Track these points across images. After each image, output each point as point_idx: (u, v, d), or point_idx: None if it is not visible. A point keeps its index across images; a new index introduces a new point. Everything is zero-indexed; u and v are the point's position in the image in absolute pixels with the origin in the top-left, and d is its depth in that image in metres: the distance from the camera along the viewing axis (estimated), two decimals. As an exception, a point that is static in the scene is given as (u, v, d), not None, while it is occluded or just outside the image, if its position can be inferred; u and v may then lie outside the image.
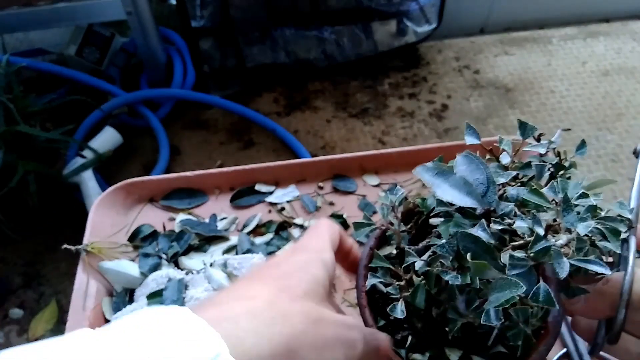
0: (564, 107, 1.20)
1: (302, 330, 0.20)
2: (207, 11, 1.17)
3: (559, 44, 1.35)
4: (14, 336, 0.89)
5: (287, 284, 0.22)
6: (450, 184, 0.23)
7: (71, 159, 1.00)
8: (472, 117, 1.19)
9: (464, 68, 1.31)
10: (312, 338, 0.20)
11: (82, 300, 0.39)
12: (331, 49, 1.25)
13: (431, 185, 0.23)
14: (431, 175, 0.23)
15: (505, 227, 0.22)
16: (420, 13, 1.29)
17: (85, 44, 1.15)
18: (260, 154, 1.13)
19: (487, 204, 0.23)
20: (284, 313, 0.20)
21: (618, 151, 1.11)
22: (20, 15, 1.04)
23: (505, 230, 0.22)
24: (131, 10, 1.04)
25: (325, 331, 0.21)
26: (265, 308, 0.19)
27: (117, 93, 1.13)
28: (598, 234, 0.22)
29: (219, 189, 0.48)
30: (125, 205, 0.46)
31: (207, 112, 1.21)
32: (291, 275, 0.22)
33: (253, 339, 0.18)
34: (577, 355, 0.36)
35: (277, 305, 0.20)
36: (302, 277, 0.22)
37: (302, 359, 0.19)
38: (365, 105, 1.22)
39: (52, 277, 0.96)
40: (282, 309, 0.20)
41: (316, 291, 0.22)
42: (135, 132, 1.15)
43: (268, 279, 0.22)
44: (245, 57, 1.22)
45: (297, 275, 0.22)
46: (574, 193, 0.23)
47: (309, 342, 0.20)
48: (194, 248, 0.43)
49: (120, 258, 0.42)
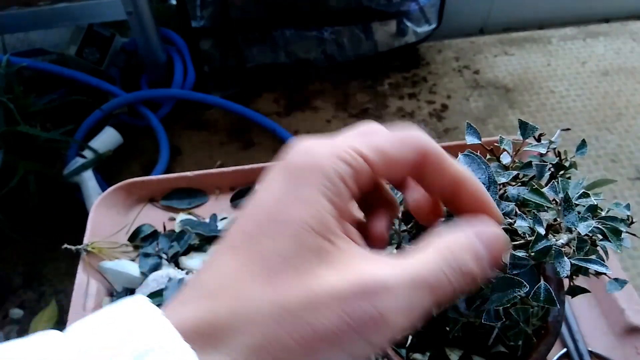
0: (563, 107, 1.21)
1: (274, 337, 0.13)
2: (207, 11, 1.17)
3: (559, 44, 1.35)
4: (14, 336, 0.89)
5: (258, 251, 0.14)
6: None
7: (71, 159, 1.01)
8: (472, 117, 1.19)
9: (464, 68, 1.31)
10: (290, 344, 0.13)
11: (83, 300, 0.39)
12: (331, 49, 1.25)
13: None
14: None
15: (506, 227, 0.22)
16: (420, 13, 1.29)
17: (86, 44, 1.15)
18: (260, 154, 1.13)
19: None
20: (247, 313, 0.13)
21: (618, 151, 1.11)
22: (21, 16, 1.04)
23: (506, 229, 0.22)
24: (131, 11, 1.04)
25: (315, 324, 0.13)
26: (225, 310, 0.13)
27: (118, 93, 1.13)
28: (599, 233, 0.22)
29: (219, 189, 0.48)
30: (125, 205, 0.46)
31: (207, 112, 1.21)
32: (262, 234, 0.14)
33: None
34: (577, 354, 0.36)
35: (240, 298, 0.14)
36: (278, 231, 0.14)
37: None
38: (365, 106, 1.22)
39: (52, 277, 0.96)
40: (246, 303, 0.13)
41: (307, 244, 0.14)
42: (136, 132, 1.15)
43: (238, 245, 0.15)
44: (246, 58, 1.22)
45: (270, 232, 0.14)
46: (575, 193, 0.23)
47: (286, 348, 0.13)
48: (194, 248, 0.43)
49: (120, 258, 0.42)
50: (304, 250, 0.14)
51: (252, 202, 0.16)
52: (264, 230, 0.15)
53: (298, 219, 0.14)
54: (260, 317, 0.13)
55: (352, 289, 0.14)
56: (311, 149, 0.16)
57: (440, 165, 0.17)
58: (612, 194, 1.02)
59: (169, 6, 1.30)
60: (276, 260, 0.14)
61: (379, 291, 0.14)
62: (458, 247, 0.16)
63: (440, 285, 0.15)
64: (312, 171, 0.15)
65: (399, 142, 0.17)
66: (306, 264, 0.14)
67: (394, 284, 0.14)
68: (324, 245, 0.14)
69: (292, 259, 0.14)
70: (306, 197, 0.15)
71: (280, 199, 0.15)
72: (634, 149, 1.12)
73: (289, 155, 0.16)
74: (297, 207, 0.15)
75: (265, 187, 0.16)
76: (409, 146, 0.17)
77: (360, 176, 0.16)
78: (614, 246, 0.22)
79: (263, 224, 0.15)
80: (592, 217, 0.22)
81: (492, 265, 0.16)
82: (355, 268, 0.14)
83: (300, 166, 0.15)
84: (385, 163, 0.16)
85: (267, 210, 0.15)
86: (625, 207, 0.24)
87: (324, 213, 0.15)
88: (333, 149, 0.16)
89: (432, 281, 0.15)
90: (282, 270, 0.14)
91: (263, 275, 0.14)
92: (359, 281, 0.14)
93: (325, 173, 0.15)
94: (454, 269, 0.15)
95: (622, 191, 1.04)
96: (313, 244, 0.14)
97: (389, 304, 0.14)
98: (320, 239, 0.14)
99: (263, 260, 0.14)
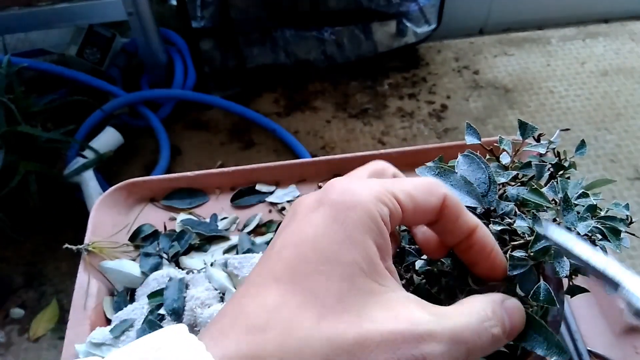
0: (563, 107, 1.21)
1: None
2: (208, 12, 1.18)
3: (558, 45, 1.36)
4: (15, 336, 0.89)
5: (309, 288, 0.14)
6: (451, 183, 0.23)
7: (72, 159, 1.01)
8: (471, 117, 1.20)
9: (463, 68, 1.31)
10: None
11: (83, 299, 0.39)
12: (331, 50, 1.26)
13: None
14: (432, 175, 0.23)
15: (506, 227, 0.22)
16: (419, 14, 1.29)
17: (86, 44, 1.15)
18: (260, 154, 1.13)
19: (487, 203, 0.23)
20: (298, 348, 0.14)
21: (617, 151, 1.11)
22: (21, 16, 1.04)
23: (505, 230, 0.22)
24: (132, 11, 1.05)
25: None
26: (275, 346, 0.14)
27: (118, 93, 1.13)
28: (598, 233, 0.22)
29: (219, 189, 0.48)
30: (126, 205, 0.46)
31: (208, 113, 1.21)
32: (312, 271, 0.15)
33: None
34: (577, 354, 0.36)
35: (291, 334, 0.14)
36: (331, 269, 0.15)
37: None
38: (365, 106, 1.23)
39: (53, 276, 0.96)
40: (297, 339, 0.14)
41: (359, 285, 0.15)
42: (136, 133, 1.15)
43: (284, 280, 0.15)
44: (246, 58, 1.22)
45: (322, 269, 0.15)
46: (574, 193, 0.23)
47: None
48: (195, 248, 0.43)
49: (121, 257, 0.42)
50: (356, 291, 0.15)
51: (292, 233, 0.16)
52: (314, 267, 0.15)
53: (351, 260, 0.15)
54: (314, 353, 0.14)
55: (403, 334, 0.15)
56: (352, 189, 0.16)
57: (458, 213, 0.18)
58: (611, 194, 1.02)
59: (169, 7, 1.30)
60: (329, 299, 0.14)
61: (426, 338, 0.15)
62: (491, 314, 0.17)
63: (475, 345, 0.16)
64: (357, 211, 0.16)
65: (426, 189, 0.18)
66: (359, 304, 0.15)
67: (439, 334, 0.15)
68: (374, 287, 0.15)
69: (345, 299, 0.15)
70: (355, 237, 0.15)
71: (328, 236, 0.15)
72: (633, 149, 1.12)
73: (330, 193, 0.16)
74: (348, 247, 0.15)
75: (307, 222, 0.16)
76: (433, 194, 0.18)
77: (394, 219, 0.17)
78: (613, 246, 0.22)
79: (312, 261, 0.15)
80: (592, 217, 0.22)
81: (512, 335, 0.18)
82: (404, 311, 0.15)
83: (346, 205, 0.16)
84: (413, 208, 0.17)
85: (314, 247, 0.15)
86: (624, 207, 0.24)
87: (372, 255, 0.15)
88: (373, 190, 0.16)
89: (470, 341, 0.16)
90: (336, 309, 0.14)
91: (315, 313, 0.14)
92: (409, 327, 0.15)
93: (370, 214, 0.16)
94: (488, 335, 0.17)
95: (621, 191, 1.04)
96: (364, 285, 0.15)
97: (433, 351, 0.15)
98: (370, 280, 0.15)
99: (316, 298, 0.14)
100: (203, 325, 0.36)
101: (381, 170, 0.19)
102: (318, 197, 0.17)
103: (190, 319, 0.36)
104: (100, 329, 0.37)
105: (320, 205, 0.16)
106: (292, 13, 1.23)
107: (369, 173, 0.18)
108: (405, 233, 0.27)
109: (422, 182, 0.18)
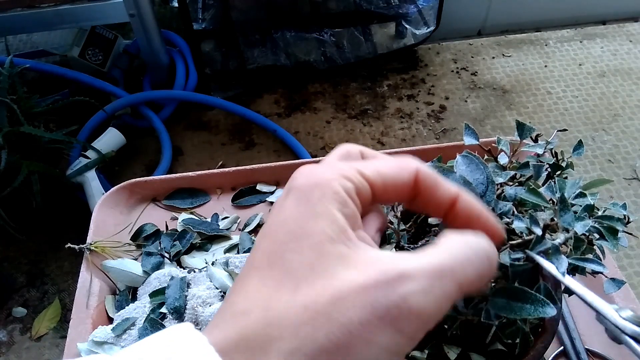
0: (560, 108, 1.21)
1: (309, 338, 0.13)
2: (209, 14, 1.18)
3: (556, 46, 1.36)
4: (17, 334, 0.89)
5: (282, 266, 0.15)
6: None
7: (75, 160, 1.01)
8: (469, 118, 1.20)
9: (462, 70, 1.32)
10: (324, 343, 0.13)
11: (86, 298, 0.39)
12: (331, 51, 1.26)
13: None
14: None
15: (504, 227, 0.22)
16: (418, 16, 1.30)
17: (89, 45, 1.16)
18: (261, 155, 1.14)
19: (485, 203, 0.23)
20: (279, 320, 0.14)
21: (614, 152, 1.12)
22: (24, 17, 1.04)
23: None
24: (134, 13, 1.05)
25: (343, 320, 0.13)
26: (259, 323, 0.14)
27: (120, 94, 1.14)
28: (595, 232, 0.22)
29: (220, 188, 0.48)
30: (128, 205, 0.47)
31: (209, 114, 1.22)
32: (284, 250, 0.15)
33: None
34: (574, 352, 0.36)
35: (271, 309, 0.14)
36: (300, 244, 0.15)
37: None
38: (365, 107, 1.23)
39: (55, 275, 0.96)
40: (277, 312, 0.14)
41: (328, 250, 0.15)
42: (138, 133, 1.16)
43: (261, 266, 0.15)
44: (247, 59, 1.23)
45: (293, 247, 0.15)
46: (571, 192, 0.23)
47: (322, 348, 0.13)
48: (196, 247, 0.44)
49: (123, 257, 0.42)
50: (326, 256, 0.15)
51: (268, 226, 0.17)
52: (286, 247, 0.15)
53: (317, 231, 0.15)
54: (293, 321, 0.14)
55: (376, 282, 0.14)
56: (315, 172, 0.17)
57: (434, 185, 0.18)
58: (608, 194, 1.02)
59: (171, 9, 1.31)
60: (302, 270, 0.15)
61: (400, 279, 0.14)
62: (476, 242, 0.16)
63: (465, 273, 0.15)
64: (321, 188, 0.16)
65: (396, 165, 0.18)
66: (330, 268, 0.15)
67: (415, 272, 0.14)
68: (344, 251, 0.15)
69: (316, 267, 0.15)
70: (320, 211, 0.16)
71: (296, 217, 0.16)
72: (630, 150, 1.12)
73: (296, 179, 0.17)
74: (314, 221, 0.16)
75: (278, 210, 0.17)
76: (405, 169, 0.18)
77: (362, 193, 0.17)
78: (611, 245, 0.22)
79: (284, 242, 0.16)
80: (589, 216, 0.22)
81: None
82: (377, 264, 0.15)
83: (310, 186, 0.16)
84: (383, 184, 0.17)
85: (285, 229, 0.16)
86: (621, 206, 0.24)
87: (339, 222, 0.16)
88: (336, 169, 0.17)
89: (459, 270, 0.15)
90: (309, 279, 0.15)
91: (291, 287, 0.15)
92: (379, 272, 0.14)
93: (333, 188, 0.16)
94: (480, 257, 0.16)
95: (619, 191, 1.04)
96: (334, 250, 0.15)
97: (412, 290, 0.14)
98: (340, 245, 0.15)
99: (290, 274, 0.15)
100: (204, 323, 0.36)
101: (346, 153, 0.19)
102: (287, 186, 0.17)
103: (191, 317, 0.37)
104: (102, 327, 0.37)
105: (289, 192, 0.17)
106: (292, 15, 1.23)
107: (338, 157, 0.19)
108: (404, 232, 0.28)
109: (393, 159, 0.18)
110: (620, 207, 0.24)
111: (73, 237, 0.45)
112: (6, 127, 0.84)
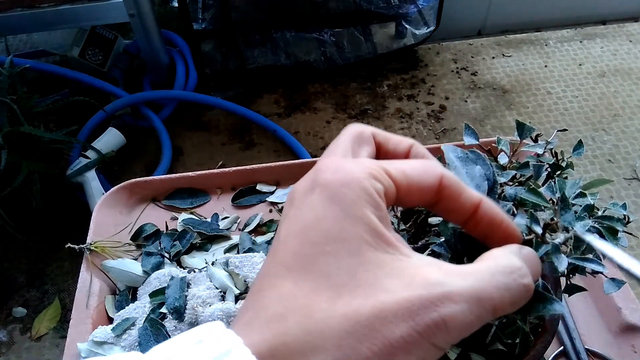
0: (560, 108, 1.21)
1: (351, 349, 0.14)
2: (209, 14, 1.18)
3: (556, 46, 1.36)
4: (17, 334, 0.89)
5: (320, 270, 0.15)
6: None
7: (75, 160, 1.01)
8: (469, 118, 1.20)
9: (462, 70, 1.32)
10: (367, 355, 0.14)
11: (86, 298, 0.39)
12: (331, 51, 1.26)
13: None
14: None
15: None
16: (418, 16, 1.30)
17: (89, 45, 1.16)
18: (261, 155, 1.14)
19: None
20: (320, 330, 0.14)
21: (614, 151, 1.12)
22: (24, 17, 1.05)
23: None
24: (134, 13, 1.05)
25: (388, 335, 0.14)
26: (298, 330, 0.14)
27: (120, 94, 1.14)
28: (595, 232, 0.22)
29: (220, 188, 0.48)
30: (128, 205, 0.47)
31: (209, 114, 1.22)
32: (320, 253, 0.15)
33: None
34: (574, 352, 0.36)
35: (311, 316, 0.14)
36: (337, 248, 0.15)
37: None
38: (365, 107, 1.23)
39: (55, 275, 0.96)
40: (318, 321, 0.14)
41: (368, 258, 0.15)
42: (138, 133, 1.16)
43: (294, 267, 0.15)
44: (247, 59, 1.23)
45: (329, 250, 0.15)
46: (572, 192, 0.23)
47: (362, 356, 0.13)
48: (196, 247, 0.44)
49: (123, 257, 0.42)
50: (366, 264, 0.15)
51: (294, 222, 0.16)
52: (321, 249, 0.15)
53: (355, 235, 0.15)
54: (335, 331, 0.14)
55: (420, 300, 0.14)
56: (344, 167, 0.16)
57: (458, 191, 0.18)
58: (608, 194, 1.02)
59: (171, 9, 1.31)
60: (341, 277, 0.14)
61: (443, 299, 0.14)
62: (519, 272, 0.16)
63: (504, 301, 0.15)
64: (352, 188, 0.16)
65: (422, 168, 0.17)
66: (371, 277, 0.15)
67: (458, 295, 0.15)
68: (384, 257, 0.15)
69: (357, 274, 0.15)
70: (355, 213, 0.15)
71: (328, 216, 0.15)
72: (630, 150, 1.12)
73: (323, 172, 0.16)
74: (350, 223, 0.15)
75: (306, 206, 0.16)
76: (429, 173, 0.17)
77: (389, 196, 0.17)
78: (611, 245, 0.22)
79: (318, 244, 0.15)
80: (589, 216, 0.22)
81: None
82: (418, 275, 0.15)
83: (340, 184, 0.16)
84: (408, 185, 0.17)
85: (318, 230, 0.15)
86: (621, 206, 0.24)
87: (375, 226, 0.15)
88: (365, 167, 0.16)
89: (497, 297, 0.15)
90: (349, 286, 0.14)
91: (330, 293, 0.14)
92: (424, 288, 0.15)
93: (366, 190, 0.16)
94: (519, 287, 0.16)
95: (619, 191, 1.04)
96: (374, 257, 0.15)
97: (452, 312, 0.14)
98: (378, 251, 0.15)
99: (327, 279, 0.14)
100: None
101: (359, 135, 0.18)
102: (311, 179, 0.16)
103: (191, 317, 0.37)
104: (102, 327, 0.37)
105: (315, 186, 0.16)
106: (292, 15, 1.23)
107: (351, 140, 0.18)
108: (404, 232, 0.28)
109: (418, 162, 0.18)
110: (620, 207, 0.24)
111: (73, 237, 0.45)
112: (6, 127, 0.84)
